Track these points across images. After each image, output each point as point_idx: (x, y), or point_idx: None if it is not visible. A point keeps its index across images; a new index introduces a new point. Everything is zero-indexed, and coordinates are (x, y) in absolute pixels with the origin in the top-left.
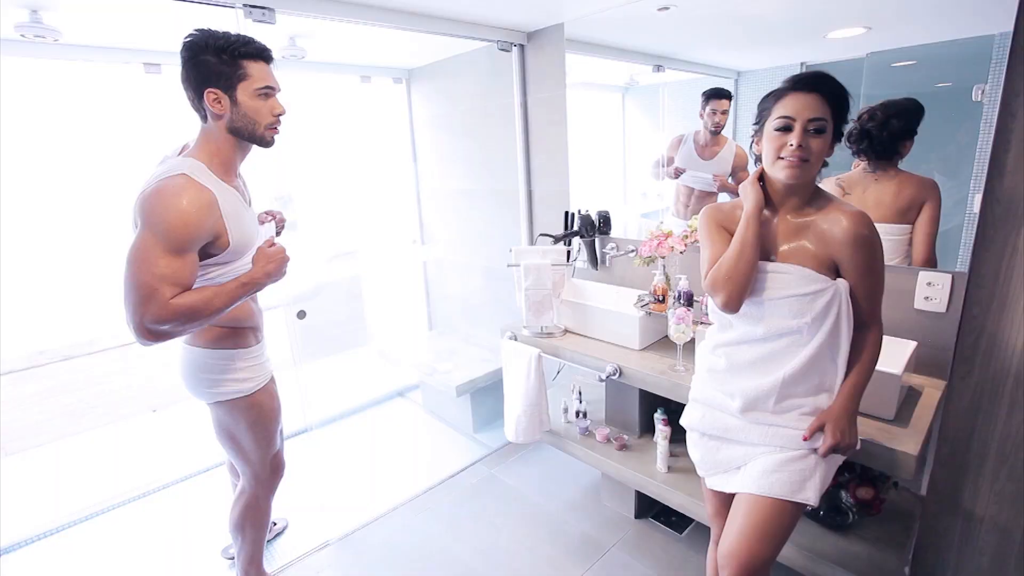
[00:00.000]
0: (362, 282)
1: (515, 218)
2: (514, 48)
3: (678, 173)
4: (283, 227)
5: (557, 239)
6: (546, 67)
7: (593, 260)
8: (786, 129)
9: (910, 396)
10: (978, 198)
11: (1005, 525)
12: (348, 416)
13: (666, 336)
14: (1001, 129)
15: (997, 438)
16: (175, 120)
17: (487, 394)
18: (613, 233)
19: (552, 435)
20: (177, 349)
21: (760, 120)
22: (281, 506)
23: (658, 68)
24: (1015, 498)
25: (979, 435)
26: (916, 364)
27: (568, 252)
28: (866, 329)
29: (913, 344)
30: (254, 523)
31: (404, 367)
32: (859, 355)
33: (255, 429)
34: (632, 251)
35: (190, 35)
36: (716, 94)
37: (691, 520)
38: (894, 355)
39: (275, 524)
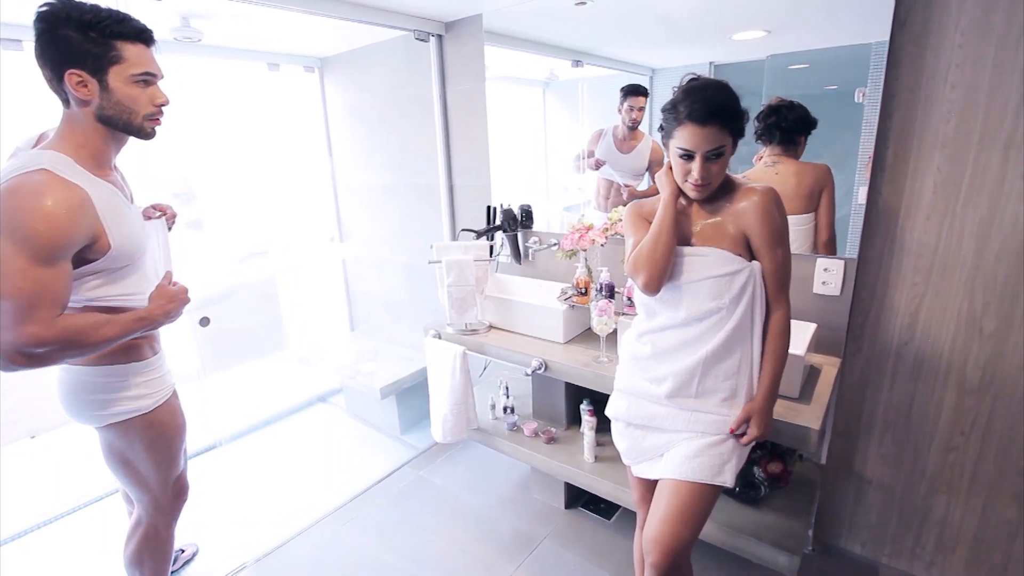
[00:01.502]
0: (277, 283)
1: (436, 213)
2: (432, 38)
3: (598, 165)
4: (174, 222)
5: (480, 234)
6: (465, 59)
7: (516, 254)
8: (688, 158)
9: (812, 374)
10: (863, 191)
11: (888, 484)
12: (265, 426)
13: (590, 328)
14: (881, 128)
15: (882, 407)
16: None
17: (413, 394)
18: (536, 227)
19: (480, 433)
20: (54, 369)
21: (664, 132)
22: (189, 530)
23: (577, 63)
24: (896, 459)
25: (868, 406)
26: (816, 344)
27: (491, 247)
28: (776, 311)
29: (813, 326)
30: (155, 556)
31: (324, 371)
32: (772, 343)
33: (154, 450)
34: (554, 244)
35: (46, 3)
36: (633, 91)
37: (619, 506)
38: (797, 337)
39: (182, 551)
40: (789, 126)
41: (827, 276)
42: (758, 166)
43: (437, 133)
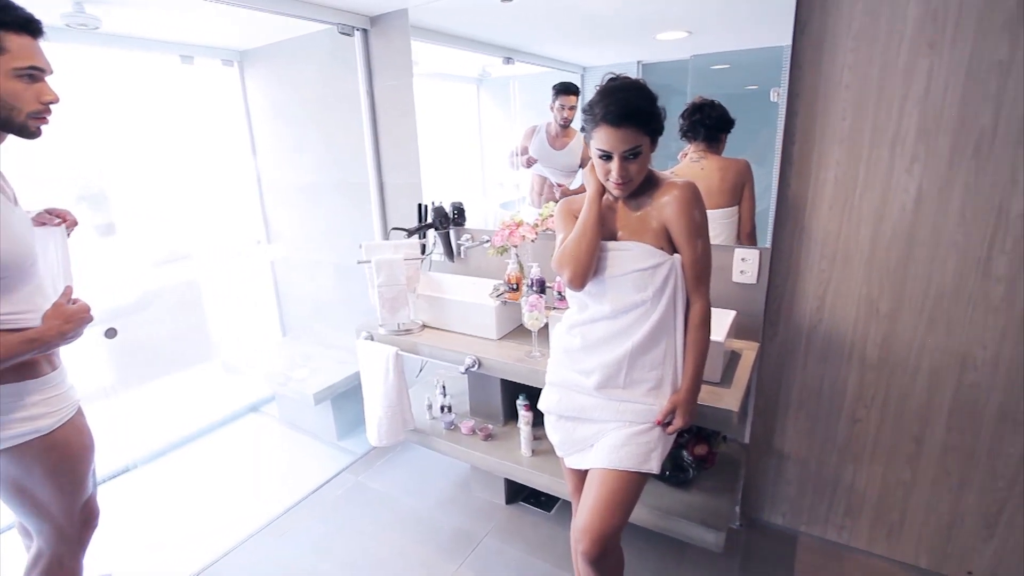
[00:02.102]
0: (201, 289)
1: (367, 212)
2: (357, 32)
3: (530, 163)
4: (74, 228)
5: (411, 232)
6: (392, 54)
7: (449, 252)
8: (607, 159)
9: (733, 359)
10: None
11: (804, 458)
12: (190, 442)
13: (523, 324)
14: (787, 125)
15: (797, 387)
16: None
17: (349, 398)
18: (471, 224)
19: (417, 433)
20: None
21: (585, 133)
22: (103, 558)
23: (508, 60)
24: (810, 434)
25: (784, 386)
26: (737, 330)
27: (423, 245)
28: (696, 302)
29: (733, 313)
30: None
31: (255, 379)
32: (693, 334)
33: (57, 475)
34: (487, 242)
35: None
36: (564, 89)
37: (558, 499)
38: (717, 325)
39: None
40: (711, 124)
41: (744, 265)
42: (684, 162)
43: (365, 130)
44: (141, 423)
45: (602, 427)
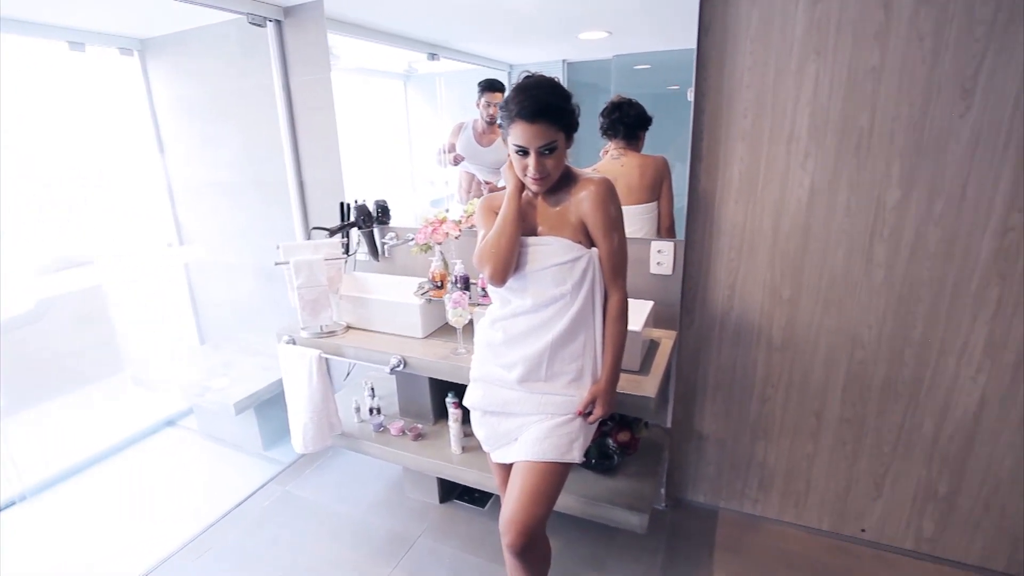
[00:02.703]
0: (106, 297)
1: (286, 211)
2: (269, 23)
3: (458, 160)
4: None
5: (332, 232)
6: (308, 47)
7: (373, 251)
8: (523, 154)
9: (652, 348)
10: None
11: (721, 438)
12: (96, 463)
13: (448, 321)
14: (696, 123)
15: (713, 371)
16: None
17: (274, 406)
18: (400, 222)
19: (345, 438)
20: None
21: (502, 128)
22: None
23: (433, 57)
24: (726, 415)
25: (701, 371)
26: (655, 320)
27: (346, 245)
28: (613, 295)
29: (651, 304)
30: None
31: (169, 391)
32: (611, 327)
33: None
34: (412, 240)
35: None
36: (489, 87)
37: (491, 494)
38: (635, 315)
39: None
40: (630, 122)
41: (661, 257)
42: (605, 159)
43: (282, 126)
44: (40, 447)
45: (525, 420)
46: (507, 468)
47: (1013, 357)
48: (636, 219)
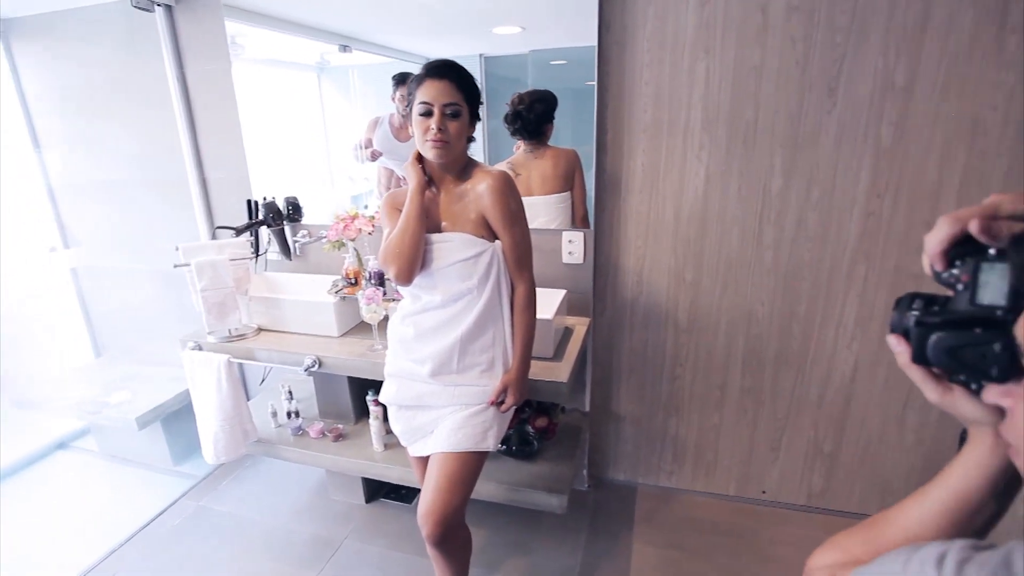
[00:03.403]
0: None
1: (188, 211)
2: (158, 8)
3: (376, 155)
4: None
5: (239, 231)
6: (203, 35)
7: (285, 250)
8: (428, 114)
9: (566, 335)
10: None
11: (636, 417)
12: None
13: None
14: (600, 116)
15: (626, 354)
16: None
17: (183, 417)
18: (318, 219)
19: (262, 444)
20: None
21: (409, 105)
22: None
23: (345, 48)
24: (640, 395)
25: (616, 355)
26: (569, 308)
27: (256, 244)
28: (519, 286)
29: (563, 292)
30: None
31: (59, 411)
32: (519, 317)
33: None
34: (324, 237)
35: None
36: (403, 80)
37: (419, 489)
38: (547, 304)
39: None
40: (532, 125)
41: (572, 247)
42: (519, 153)
43: (179, 121)
44: None
45: (440, 412)
46: (426, 461)
47: (878, 327)
48: (552, 208)
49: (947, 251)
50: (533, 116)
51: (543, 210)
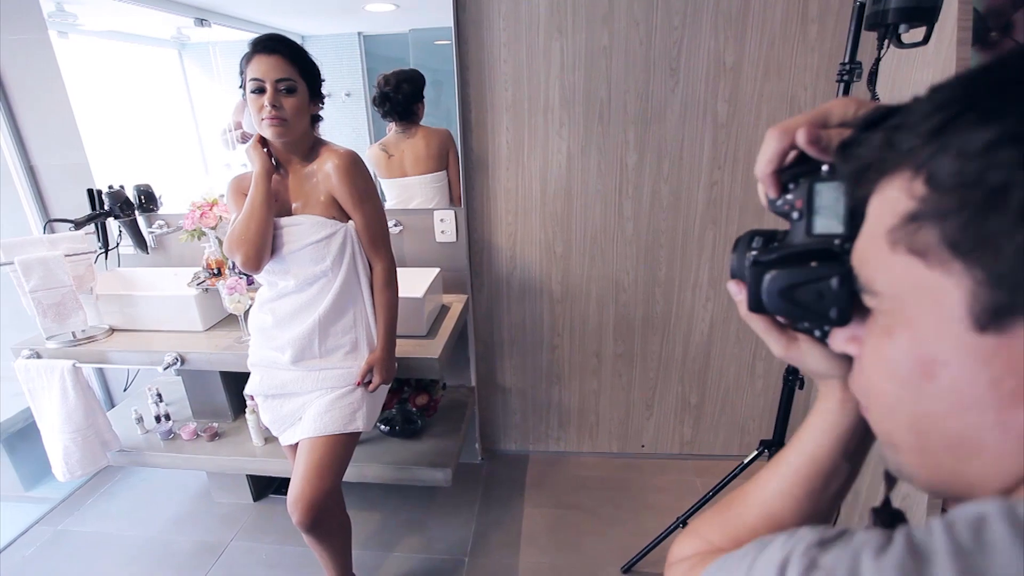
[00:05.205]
0: None
1: (14, 204)
2: None
3: (246, 138)
4: None
5: (78, 224)
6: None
7: (141, 243)
8: (260, 91)
9: (442, 312)
10: None
11: (521, 388)
12: None
13: None
14: (462, 95)
15: (506, 328)
16: None
17: (32, 436)
18: (178, 209)
19: (126, 454)
20: None
21: (242, 83)
22: None
23: (202, 23)
24: (522, 367)
25: (496, 329)
26: (445, 286)
27: (105, 237)
28: (376, 264)
29: (436, 270)
30: None
31: None
32: (379, 296)
33: None
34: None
35: None
36: None
37: None
38: (417, 282)
39: None
40: (400, 107)
41: (444, 226)
42: (391, 134)
43: None
44: None
45: (306, 398)
46: (297, 449)
47: (726, 286)
48: (427, 188)
49: (778, 172)
50: (400, 97)
51: (418, 190)
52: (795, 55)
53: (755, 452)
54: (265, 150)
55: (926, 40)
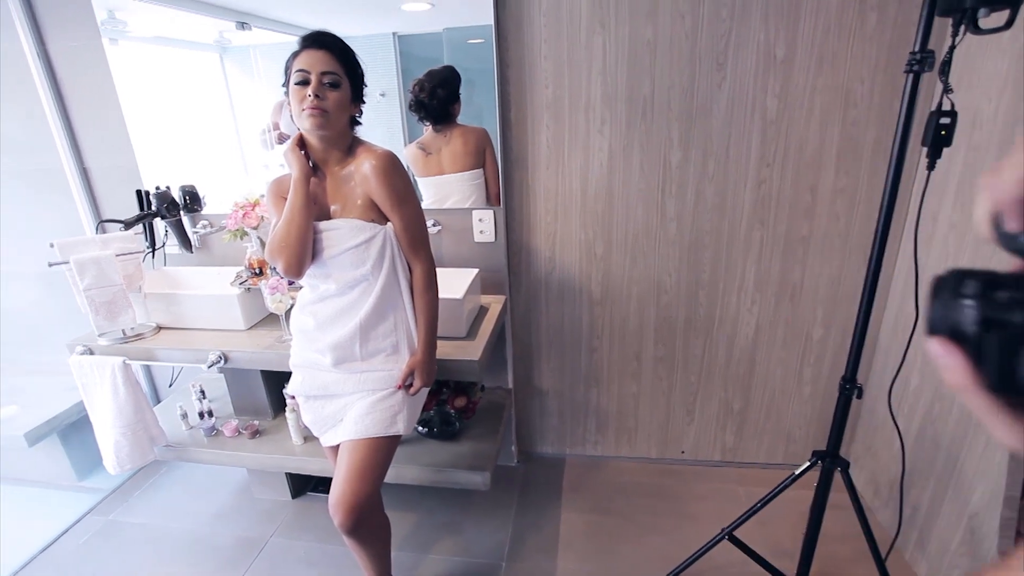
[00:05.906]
0: None
1: (69, 205)
2: None
3: (283, 139)
4: None
5: (128, 224)
6: (65, 7)
7: (185, 242)
8: (304, 83)
9: (481, 313)
10: None
11: (559, 390)
12: None
13: None
14: (502, 93)
15: (544, 330)
16: None
17: (86, 428)
18: (221, 209)
19: (172, 449)
20: None
21: (286, 79)
22: None
23: (243, 26)
24: (560, 369)
25: (534, 331)
26: (484, 287)
27: (152, 237)
28: (416, 266)
29: (475, 271)
30: None
31: None
32: (419, 299)
33: None
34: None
35: None
36: None
37: None
38: (456, 283)
39: None
40: (436, 111)
41: (482, 226)
42: (428, 132)
43: (45, 103)
44: None
45: (348, 400)
46: (338, 450)
47: (775, 288)
48: (465, 186)
49: None
50: (436, 102)
51: (456, 188)
52: (851, 45)
53: (807, 463)
54: (303, 152)
55: (1009, 24)
